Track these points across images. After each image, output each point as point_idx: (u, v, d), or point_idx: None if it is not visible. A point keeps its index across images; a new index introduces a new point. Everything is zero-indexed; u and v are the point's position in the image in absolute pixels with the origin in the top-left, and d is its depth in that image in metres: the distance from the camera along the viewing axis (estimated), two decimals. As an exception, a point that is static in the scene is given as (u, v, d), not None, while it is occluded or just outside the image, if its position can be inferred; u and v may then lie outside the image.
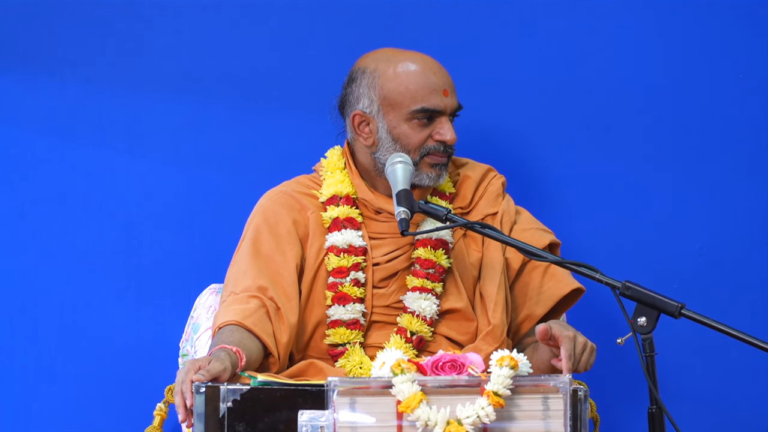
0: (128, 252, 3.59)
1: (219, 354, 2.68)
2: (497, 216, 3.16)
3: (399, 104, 3.11)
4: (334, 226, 3.12)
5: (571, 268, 2.68)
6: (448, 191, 3.18)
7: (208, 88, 3.63)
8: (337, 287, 3.07)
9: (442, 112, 3.10)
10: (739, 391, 3.66)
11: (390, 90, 3.12)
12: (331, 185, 3.17)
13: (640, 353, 2.50)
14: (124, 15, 3.61)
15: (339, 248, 3.09)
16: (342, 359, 3.04)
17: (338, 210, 3.13)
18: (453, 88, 3.13)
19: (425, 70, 3.11)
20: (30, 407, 3.57)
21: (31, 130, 3.61)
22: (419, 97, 3.10)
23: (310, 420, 2.39)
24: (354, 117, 3.16)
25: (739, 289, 3.67)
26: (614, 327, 2.83)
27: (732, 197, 3.69)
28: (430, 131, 3.10)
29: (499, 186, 3.21)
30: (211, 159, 3.62)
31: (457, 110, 3.14)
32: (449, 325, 3.10)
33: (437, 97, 3.09)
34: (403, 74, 3.12)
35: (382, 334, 3.08)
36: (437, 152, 3.10)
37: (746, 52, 3.70)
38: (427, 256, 3.09)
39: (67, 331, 3.57)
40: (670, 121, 3.69)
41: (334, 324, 3.06)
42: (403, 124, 3.11)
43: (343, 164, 3.20)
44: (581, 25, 3.68)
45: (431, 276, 3.08)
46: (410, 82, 3.11)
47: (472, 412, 2.37)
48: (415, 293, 3.07)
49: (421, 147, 3.10)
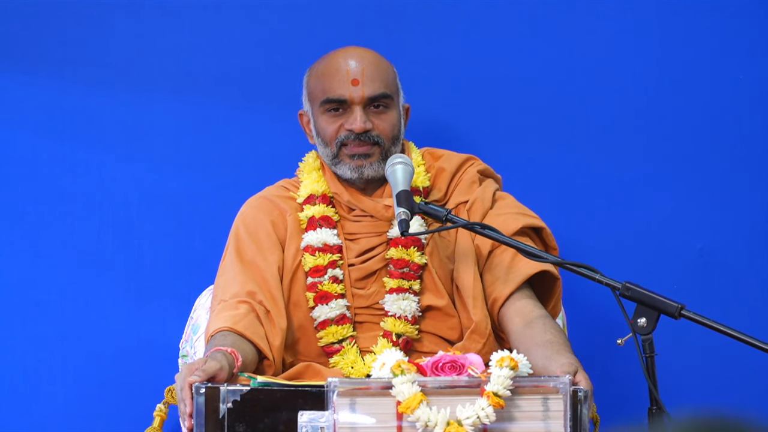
0: (128, 252, 3.59)
1: (215, 355, 2.68)
2: (467, 204, 3.12)
3: (314, 98, 3.14)
4: (310, 226, 3.12)
5: (570, 268, 2.68)
6: (422, 186, 3.15)
7: (209, 88, 3.63)
8: (317, 287, 3.07)
9: (347, 101, 3.08)
10: (739, 391, 3.66)
11: (310, 85, 3.17)
12: (308, 185, 3.17)
13: (640, 354, 2.50)
14: (124, 15, 3.60)
15: (314, 247, 3.09)
16: (337, 356, 3.04)
17: (314, 209, 3.13)
18: (369, 78, 3.09)
19: (339, 62, 3.11)
20: (30, 407, 3.56)
21: (31, 130, 3.61)
22: (326, 88, 3.10)
23: (310, 421, 2.39)
24: (300, 117, 3.23)
25: (739, 289, 3.67)
26: (614, 327, 2.82)
27: (732, 197, 3.68)
28: (342, 121, 3.10)
29: (474, 174, 3.17)
30: (211, 159, 3.62)
31: (374, 99, 3.09)
32: (433, 323, 3.08)
33: (343, 86, 3.08)
34: (319, 69, 3.15)
35: (369, 336, 3.07)
36: (351, 141, 3.09)
37: (746, 52, 3.70)
38: (399, 255, 3.07)
39: (67, 331, 3.57)
40: (670, 121, 3.69)
41: (322, 325, 3.05)
42: (319, 117, 3.13)
43: (318, 165, 3.21)
44: (581, 25, 3.68)
45: (407, 275, 3.06)
46: (321, 74, 3.13)
47: (472, 412, 2.37)
48: (392, 295, 3.05)
49: (335, 138, 3.10)
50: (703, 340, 3.52)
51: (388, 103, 3.11)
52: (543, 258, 2.76)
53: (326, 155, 3.14)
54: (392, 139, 3.11)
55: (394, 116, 3.13)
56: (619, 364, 3.42)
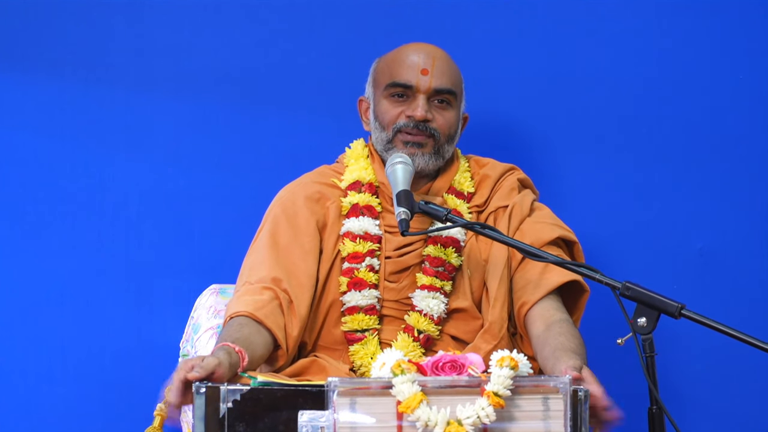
0: (128, 252, 3.59)
1: (217, 352, 2.67)
2: (507, 209, 3.15)
3: (379, 81, 3.15)
4: (353, 212, 3.12)
5: (571, 268, 2.68)
6: (467, 191, 3.18)
7: (209, 88, 3.63)
8: (353, 273, 3.07)
9: (413, 87, 3.10)
10: (739, 391, 3.66)
11: (377, 71, 3.18)
12: (354, 171, 3.17)
13: (640, 353, 2.50)
14: (124, 15, 3.61)
15: (355, 234, 3.09)
16: (358, 345, 3.05)
17: (359, 197, 3.13)
18: (439, 71, 3.11)
19: (411, 51, 3.13)
20: (30, 407, 3.57)
21: (31, 130, 3.61)
22: (394, 73, 3.12)
23: (310, 420, 2.39)
24: (359, 103, 3.23)
25: (739, 289, 3.67)
26: (614, 327, 2.82)
27: (732, 197, 3.69)
28: (404, 108, 3.11)
29: (514, 181, 3.21)
30: (212, 159, 3.62)
31: (439, 92, 3.11)
32: (456, 325, 3.10)
33: (411, 73, 3.10)
34: (391, 56, 3.17)
35: (390, 329, 3.08)
36: (408, 128, 3.10)
37: (746, 52, 3.70)
38: (437, 253, 3.09)
39: (67, 331, 3.57)
40: (670, 121, 3.69)
41: (350, 311, 3.06)
42: (382, 101, 3.14)
43: (366, 154, 3.22)
44: (582, 25, 3.68)
45: (440, 274, 3.08)
46: (392, 61, 3.14)
47: (473, 412, 2.37)
48: (423, 291, 3.07)
49: (393, 123, 3.11)
50: (703, 340, 3.52)
51: (451, 101, 3.14)
52: (544, 258, 2.76)
53: (380, 140, 3.15)
54: (447, 137, 3.13)
55: (454, 115, 3.15)
56: (619, 364, 3.42)
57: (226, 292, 3.38)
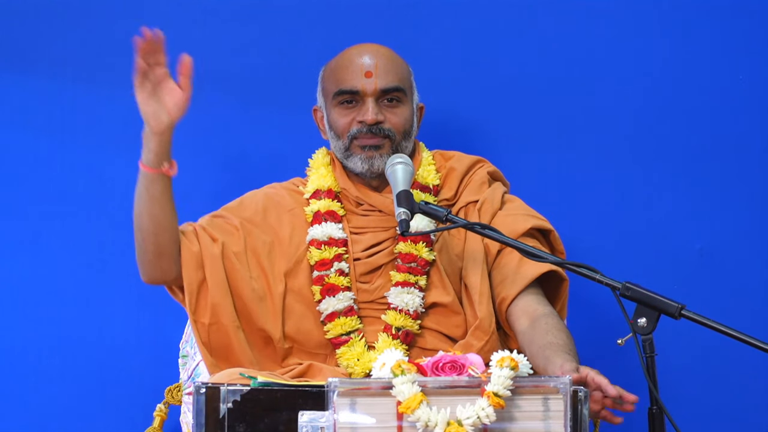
0: (128, 252, 3.58)
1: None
2: (478, 204, 3.14)
3: (327, 90, 3.16)
4: (316, 220, 3.13)
5: (571, 268, 2.68)
6: (432, 183, 3.17)
7: (208, 88, 3.62)
8: (323, 280, 3.08)
9: (359, 92, 3.10)
10: (739, 391, 3.66)
11: (324, 80, 3.19)
12: (314, 180, 3.19)
13: (640, 354, 2.50)
14: (124, 15, 3.60)
15: (319, 241, 3.10)
16: (344, 347, 3.05)
17: (320, 203, 3.14)
18: (383, 71, 3.10)
19: (353, 56, 3.13)
20: (30, 407, 3.56)
21: (31, 130, 3.61)
22: (339, 80, 3.12)
23: (311, 421, 2.39)
24: (314, 113, 3.25)
25: (739, 289, 3.67)
26: (614, 327, 2.82)
27: (732, 197, 3.69)
28: (355, 114, 3.11)
29: (484, 175, 3.20)
30: (212, 158, 3.62)
31: (386, 92, 3.10)
32: (437, 320, 3.09)
33: (356, 78, 3.10)
34: (334, 62, 3.17)
35: (372, 330, 3.08)
36: (362, 134, 3.10)
37: (746, 52, 3.70)
38: (408, 250, 3.09)
39: (67, 331, 3.57)
40: (670, 120, 3.69)
41: (330, 317, 3.06)
42: (332, 110, 3.15)
43: (328, 161, 3.22)
44: (581, 25, 3.68)
45: (414, 270, 3.08)
46: (335, 68, 3.15)
47: (473, 412, 2.37)
48: (397, 288, 3.07)
49: (347, 131, 3.12)
50: (703, 340, 3.51)
51: (401, 98, 3.13)
52: (543, 258, 2.76)
53: (338, 149, 3.15)
54: (403, 134, 3.13)
55: (407, 111, 3.14)
56: (619, 364, 3.41)
57: (226, 292, 3.37)
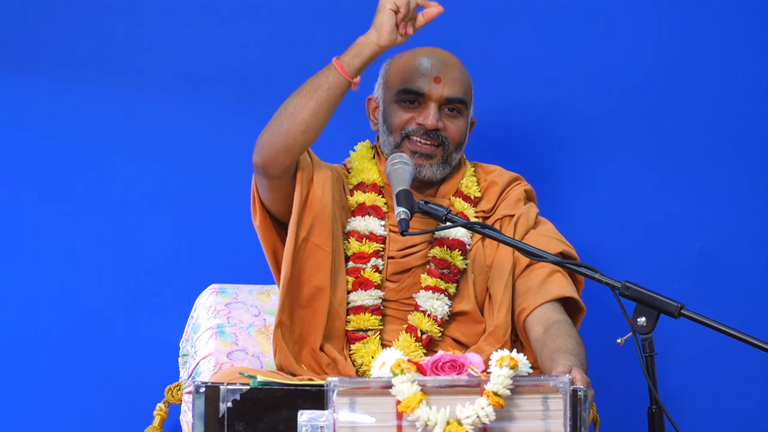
0: (128, 252, 3.59)
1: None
2: (514, 218, 3.16)
3: (391, 85, 3.15)
4: (359, 211, 3.13)
5: (571, 268, 2.68)
6: (474, 195, 3.19)
7: (208, 88, 3.63)
8: (359, 272, 3.08)
9: (424, 95, 3.10)
10: (739, 391, 3.66)
11: (389, 73, 3.18)
12: (359, 173, 3.19)
13: (640, 353, 2.50)
14: (124, 15, 3.60)
15: (360, 234, 3.10)
16: (359, 344, 3.05)
17: (365, 196, 3.14)
18: (452, 79, 3.11)
19: (424, 57, 3.13)
20: (30, 407, 3.56)
21: (31, 130, 3.61)
22: (406, 79, 3.12)
23: (310, 420, 2.38)
24: (368, 102, 3.23)
25: (739, 289, 3.67)
26: (614, 327, 2.82)
27: (732, 197, 3.69)
28: (415, 114, 3.11)
29: (521, 192, 3.22)
30: (212, 158, 3.62)
31: (451, 101, 3.11)
32: (458, 328, 3.10)
33: (424, 80, 3.10)
34: (403, 60, 3.16)
35: (390, 329, 3.08)
36: (417, 135, 3.10)
37: (746, 52, 3.70)
38: (442, 255, 3.09)
39: (67, 330, 3.57)
40: (670, 120, 3.69)
41: (356, 310, 3.07)
42: (392, 105, 3.14)
43: (371, 155, 3.22)
44: (583, 26, 3.69)
45: (446, 276, 3.08)
46: (405, 65, 3.14)
47: (472, 412, 2.37)
48: (428, 292, 3.07)
49: (402, 128, 3.11)
50: (703, 340, 3.52)
51: (462, 109, 3.14)
52: (543, 257, 2.75)
53: (388, 143, 3.15)
54: (457, 145, 3.14)
55: (464, 123, 3.15)
56: (619, 363, 3.42)
57: (225, 291, 3.38)
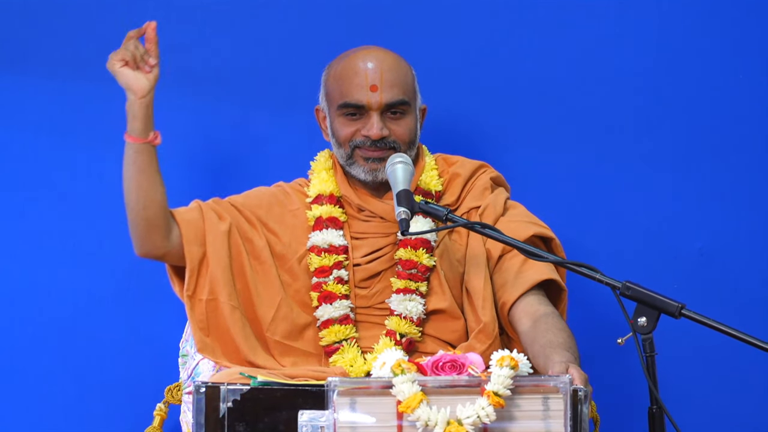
0: (128, 252, 3.58)
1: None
2: (480, 209, 3.14)
3: (331, 98, 3.15)
4: (317, 226, 3.14)
5: (571, 268, 2.67)
6: (435, 190, 3.17)
7: (208, 88, 3.63)
8: (321, 287, 3.08)
9: (365, 107, 3.09)
10: (739, 391, 3.66)
11: (328, 85, 3.17)
12: (316, 185, 3.19)
13: (640, 353, 2.50)
14: (124, 15, 3.60)
15: (320, 248, 3.10)
16: (336, 355, 3.05)
17: (321, 209, 3.15)
18: (388, 84, 3.08)
19: (358, 65, 3.10)
20: (30, 407, 3.56)
21: (31, 130, 3.61)
22: (344, 92, 3.10)
23: (310, 420, 2.39)
24: (317, 113, 3.23)
25: (739, 289, 3.67)
26: (614, 327, 2.82)
27: (732, 197, 3.69)
28: (359, 126, 3.10)
29: (486, 180, 3.20)
30: (211, 158, 3.62)
31: (391, 106, 3.09)
32: (436, 326, 3.09)
33: (361, 92, 3.08)
34: (339, 70, 3.14)
35: (368, 336, 3.08)
36: (365, 147, 3.10)
37: (746, 52, 3.70)
38: (408, 256, 3.09)
39: (67, 330, 3.57)
40: (670, 120, 3.69)
41: (325, 324, 3.07)
42: (336, 118, 3.14)
43: (330, 164, 3.22)
44: (581, 25, 3.68)
45: (414, 276, 3.08)
46: (340, 76, 3.12)
47: (473, 412, 2.37)
48: (399, 295, 3.07)
49: (349, 141, 3.11)
50: (703, 340, 3.51)
51: (405, 110, 3.12)
52: (544, 257, 2.76)
53: (340, 155, 3.15)
54: (408, 144, 3.12)
55: (411, 121, 3.13)
56: (619, 363, 3.42)
57: (226, 292, 3.37)
